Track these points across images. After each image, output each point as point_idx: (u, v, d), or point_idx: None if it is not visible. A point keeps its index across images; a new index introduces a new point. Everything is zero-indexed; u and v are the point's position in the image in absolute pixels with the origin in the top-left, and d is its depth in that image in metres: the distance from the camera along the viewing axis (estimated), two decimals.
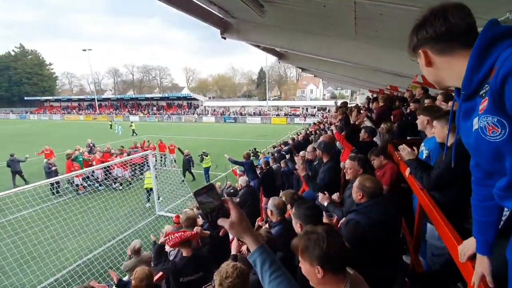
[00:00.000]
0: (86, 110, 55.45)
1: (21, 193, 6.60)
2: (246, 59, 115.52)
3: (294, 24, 5.93)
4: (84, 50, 52.71)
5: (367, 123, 4.92)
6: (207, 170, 12.50)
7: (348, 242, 1.90)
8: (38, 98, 61.88)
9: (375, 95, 11.16)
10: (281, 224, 2.64)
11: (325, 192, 2.83)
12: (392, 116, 5.05)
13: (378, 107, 6.11)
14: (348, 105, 10.27)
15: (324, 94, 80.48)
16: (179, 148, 14.29)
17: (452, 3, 0.81)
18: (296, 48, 6.61)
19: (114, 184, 11.27)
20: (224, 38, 7.19)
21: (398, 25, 3.56)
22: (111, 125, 33.59)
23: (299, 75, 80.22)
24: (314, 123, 15.07)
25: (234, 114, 44.11)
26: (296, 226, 1.98)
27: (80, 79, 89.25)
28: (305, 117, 38.94)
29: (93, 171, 10.78)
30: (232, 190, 7.10)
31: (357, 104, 10.46)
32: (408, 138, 3.86)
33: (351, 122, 4.85)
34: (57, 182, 9.70)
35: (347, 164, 2.80)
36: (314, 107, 44.37)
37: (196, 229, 3.23)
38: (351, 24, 4.33)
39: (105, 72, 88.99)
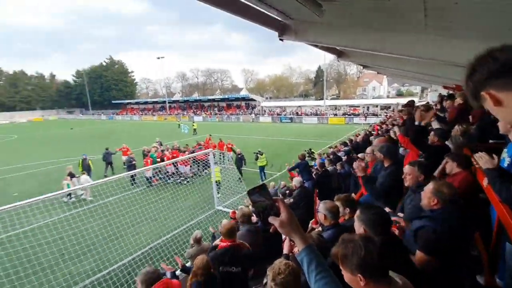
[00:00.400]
0: (159, 112, 62.43)
1: (109, 182, 7.92)
2: (304, 58, 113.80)
3: (354, 21, 5.65)
4: (158, 58, 59.99)
5: (435, 124, 4.40)
6: (262, 168, 12.89)
7: (422, 250, 1.81)
8: (122, 101, 72.45)
9: (450, 92, 9.75)
10: (334, 228, 2.60)
11: None
12: (470, 117, 4.40)
13: (454, 106, 5.38)
14: (417, 104, 9.28)
15: (389, 92, 73.70)
16: (231, 148, 15.00)
17: (495, 46, 0.77)
18: (357, 46, 6.27)
19: (180, 178, 12.53)
20: (282, 40, 7.29)
21: (479, 11, 3.11)
22: (179, 125, 37.09)
23: (360, 72, 75.12)
24: (375, 124, 13.96)
25: (290, 114, 43.93)
26: (360, 230, 1.89)
27: (155, 83, 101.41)
28: (365, 117, 36.34)
29: (165, 166, 12.18)
30: (287, 191, 7.19)
31: (427, 103, 9.32)
32: (490, 141, 3.34)
33: (416, 122, 4.40)
34: (135, 175, 11.28)
35: (406, 170, 2.60)
36: (376, 106, 41.00)
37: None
38: (420, 17, 3.94)
39: (174, 76, 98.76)
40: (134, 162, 13.14)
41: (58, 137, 33.45)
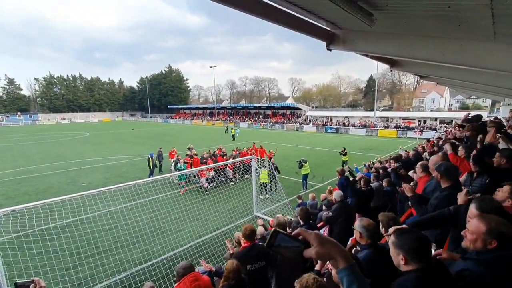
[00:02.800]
0: (208, 117, 65.94)
1: (158, 180, 8.66)
2: (354, 67, 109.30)
3: (409, 29, 5.32)
4: (211, 66, 63.70)
5: (502, 145, 3.82)
6: (305, 176, 12.73)
7: None
8: (177, 106, 78.55)
9: None
10: (371, 248, 2.45)
11: None
12: None
13: None
14: (485, 120, 8.20)
15: (451, 105, 66.25)
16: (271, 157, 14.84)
17: None
18: (412, 55, 5.85)
19: (225, 181, 13.09)
20: (330, 50, 7.17)
21: None
22: (226, 129, 38.62)
23: (418, 83, 69.10)
24: (430, 139, 12.53)
25: (336, 124, 42.38)
26: (398, 258, 1.68)
27: (206, 91, 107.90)
28: (421, 131, 33.08)
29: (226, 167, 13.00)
30: (327, 203, 6.92)
31: (496, 118, 8.08)
32: None
33: (485, 142, 3.88)
34: (182, 175, 12.08)
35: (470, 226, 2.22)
36: (435, 120, 37.11)
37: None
38: (487, 24, 3.54)
39: (224, 84, 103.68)
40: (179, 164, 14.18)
41: (121, 136, 37.65)
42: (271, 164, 11.98)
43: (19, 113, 71.24)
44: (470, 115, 7.86)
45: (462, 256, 1.79)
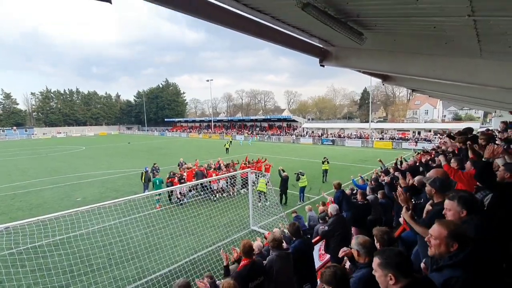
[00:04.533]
0: (204, 130, 66.06)
1: (152, 196, 8.59)
2: (349, 80, 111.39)
3: (399, 47, 5.52)
4: (208, 80, 64.64)
5: (501, 160, 3.80)
6: (302, 189, 12.73)
7: None
8: (173, 119, 78.66)
9: None
10: (369, 267, 2.45)
11: None
12: None
13: None
14: (478, 131, 8.35)
15: (444, 116, 67.40)
16: (281, 170, 14.64)
17: None
18: (403, 71, 6.06)
19: (217, 194, 12.94)
20: (323, 66, 7.37)
21: None
22: (231, 142, 37.56)
23: (411, 95, 70.49)
24: (425, 151, 12.63)
25: (332, 136, 42.71)
26: (387, 279, 1.65)
27: (203, 104, 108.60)
28: (416, 142, 33.45)
29: (210, 182, 12.57)
30: (326, 216, 6.89)
31: (488, 130, 8.23)
32: None
33: (484, 158, 3.90)
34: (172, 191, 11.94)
35: (446, 204, 2.34)
36: (429, 131, 37.65)
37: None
38: (473, 42, 3.71)
39: (221, 97, 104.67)
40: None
41: (117, 150, 37.42)
42: (267, 178, 12.01)
43: (14, 127, 70.73)
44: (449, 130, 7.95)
45: (436, 267, 1.82)
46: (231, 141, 37.71)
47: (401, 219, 3.38)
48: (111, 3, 2.64)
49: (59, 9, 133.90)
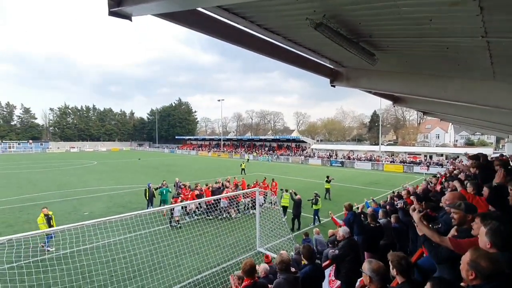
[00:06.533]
0: (214, 148, 66.53)
1: (157, 212, 8.48)
2: (358, 102, 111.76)
3: (410, 68, 5.54)
4: (219, 100, 66.09)
5: None
6: (317, 212, 12.46)
7: None
8: (184, 137, 79.88)
9: None
10: None
11: None
12: None
13: None
14: (492, 156, 8.08)
15: (456, 141, 66.02)
16: (292, 192, 14.35)
17: None
18: (414, 92, 6.03)
19: (224, 213, 12.68)
20: (334, 86, 7.43)
21: None
22: (248, 160, 36.23)
23: (421, 118, 69.76)
24: (436, 175, 12.19)
25: (341, 158, 42.16)
26: None
27: (213, 122, 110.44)
28: (428, 166, 32.58)
29: (219, 201, 12.49)
30: (335, 241, 6.60)
31: (502, 156, 7.93)
32: None
33: (495, 183, 3.75)
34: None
35: (477, 227, 2.20)
36: (441, 155, 36.76)
37: None
38: (486, 64, 3.68)
39: (231, 116, 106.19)
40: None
41: (128, 165, 37.89)
42: (274, 199, 11.78)
43: (30, 141, 73.09)
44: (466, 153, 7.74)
45: None
46: (248, 160, 37.00)
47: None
48: (131, 20, 2.76)
49: (85, 32, 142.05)
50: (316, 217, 12.43)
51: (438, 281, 1.83)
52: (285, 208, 12.63)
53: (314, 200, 12.40)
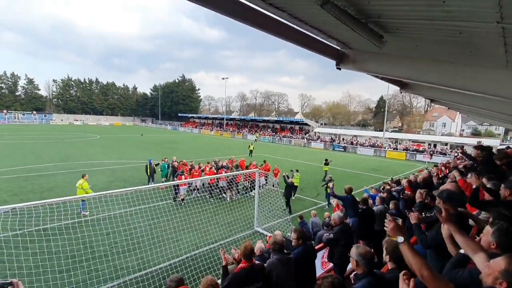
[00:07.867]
0: (216, 127, 66.51)
1: (157, 188, 8.59)
2: (365, 87, 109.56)
3: (420, 53, 5.30)
4: (223, 78, 64.99)
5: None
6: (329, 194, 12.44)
7: None
8: (187, 115, 79.63)
9: None
10: (368, 278, 2.32)
11: None
12: None
13: None
14: (498, 148, 7.95)
15: (463, 130, 65.14)
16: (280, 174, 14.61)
17: None
18: (422, 79, 5.81)
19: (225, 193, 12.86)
20: (339, 69, 7.19)
21: None
22: (255, 140, 35.27)
23: (429, 106, 68.47)
24: (436, 165, 11.95)
25: (344, 143, 42.03)
26: None
27: (217, 101, 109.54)
28: (431, 155, 32.37)
29: (218, 180, 12.59)
30: (328, 221, 6.72)
31: (507, 148, 7.82)
32: None
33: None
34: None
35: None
36: (446, 144, 36.43)
37: None
38: (500, 52, 3.49)
39: (235, 96, 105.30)
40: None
41: (130, 141, 38.19)
42: (275, 181, 11.83)
43: (34, 112, 73.44)
44: (481, 142, 7.65)
45: None
46: (256, 140, 36.04)
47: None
48: None
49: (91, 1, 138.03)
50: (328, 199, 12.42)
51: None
52: (295, 187, 13.15)
53: (329, 183, 12.44)
